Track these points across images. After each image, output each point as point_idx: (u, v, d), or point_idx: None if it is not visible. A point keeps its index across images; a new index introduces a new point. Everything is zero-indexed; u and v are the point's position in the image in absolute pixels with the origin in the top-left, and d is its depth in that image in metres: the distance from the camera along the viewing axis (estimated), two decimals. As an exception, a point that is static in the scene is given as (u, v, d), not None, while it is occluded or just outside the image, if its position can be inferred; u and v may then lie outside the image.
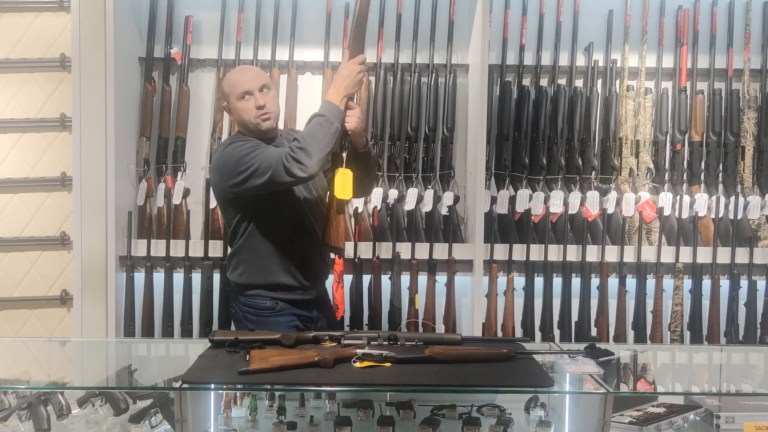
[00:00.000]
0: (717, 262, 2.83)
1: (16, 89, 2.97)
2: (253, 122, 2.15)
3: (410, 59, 2.93)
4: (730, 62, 2.92)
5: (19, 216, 2.99)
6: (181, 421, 1.67)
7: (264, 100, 2.13)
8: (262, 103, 2.12)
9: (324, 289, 2.41)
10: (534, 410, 2.00)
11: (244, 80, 2.15)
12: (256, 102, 2.12)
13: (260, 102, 2.12)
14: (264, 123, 2.14)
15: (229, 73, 2.30)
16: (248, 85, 2.13)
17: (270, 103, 2.15)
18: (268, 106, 2.14)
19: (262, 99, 2.12)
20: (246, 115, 2.15)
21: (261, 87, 2.14)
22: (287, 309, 2.22)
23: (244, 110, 2.14)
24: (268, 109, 2.14)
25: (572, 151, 2.89)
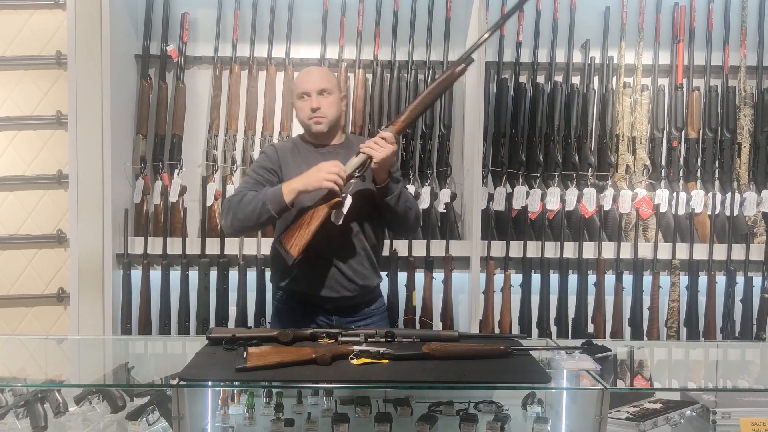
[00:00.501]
0: (713, 258, 2.84)
1: (11, 87, 2.97)
2: (306, 123, 2.19)
3: (407, 56, 2.93)
4: (726, 59, 2.93)
5: (15, 214, 2.99)
6: (178, 418, 1.66)
7: (319, 104, 2.15)
8: (316, 106, 2.14)
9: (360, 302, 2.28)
10: (531, 406, 2.00)
11: (305, 80, 2.18)
12: (311, 104, 2.15)
13: (314, 105, 2.14)
14: (315, 126, 2.17)
15: (299, 72, 2.32)
16: (307, 87, 2.16)
17: (326, 108, 2.16)
18: (323, 110, 2.15)
19: (317, 102, 2.14)
20: (301, 114, 2.20)
21: (320, 90, 2.15)
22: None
23: (300, 109, 2.19)
24: (321, 113, 2.15)
25: (569, 148, 2.89)
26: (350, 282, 2.18)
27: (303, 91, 2.16)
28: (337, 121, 2.22)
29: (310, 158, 2.17)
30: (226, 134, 2.93)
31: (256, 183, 2.15)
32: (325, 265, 2.16)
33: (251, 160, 2.91)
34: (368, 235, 2.20)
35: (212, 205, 2.88)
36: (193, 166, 2.98)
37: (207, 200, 2.87)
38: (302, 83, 2.18)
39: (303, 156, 2.21)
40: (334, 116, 2.18)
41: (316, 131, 2.18)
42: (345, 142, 2.27)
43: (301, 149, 2.24)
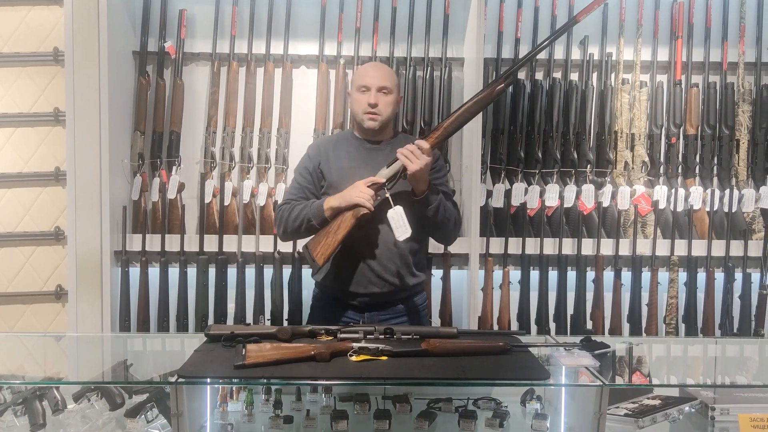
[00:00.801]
0: (712, 254, 2.84)
1: (9, 84, 2.96)
2: (360, 116, 2.20)
3: (405, 53, 2.92)
4: (724, 55, 2.93)
5: (12, 211, 2.98)
6: (177, 415, 1.66)
7: (377, 100, 2.17)
8: (374, 102, 2.16)
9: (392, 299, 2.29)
10: (530, 403, 2.00)
11: (367, 74, 2.20)
12: (369, 99, 2.16)
13: (372, 100, 2.16)
14: (368, 121, 2.18)
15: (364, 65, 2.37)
16: (369, 81, 2.17)
17: (383, 107, 2.18)
18: (380, 107, 2.18)
19: (375, 98, 2.16)
20: (357, 106, 2.21)
21: (380, 87, 2.17)
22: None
23: (357, 102, 2.20)
24: (378, 110, 2.17)
25: (567, 144, 2.89)
26: (379, 278, 2.18)
27: (364, 84, 2.17)
28: (390, 120, 2.25)
29: (353, 152, 2.21)
30: (224, 131, 2.93)
31: (300, 188, 2.25)
32: (355, 260, 2.18)
33: (249, 158, 2.91)
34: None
35: (210, 202, 2.88)
36: (191, 163, 2.97)
37: (205, 197, 2.86)
38: (364, 76, 2.19)
39: (346, 149, 2.23)
40: (388, 116, 2.21)
41: (368, 127, 2.19)
42: (393, 140, 2.28)
43: (346, 143, 2.26)
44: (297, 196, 2.23)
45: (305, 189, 2.24)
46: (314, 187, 2.24)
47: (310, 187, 2.24)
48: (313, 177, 2.24)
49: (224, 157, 2.92)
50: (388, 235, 2.16)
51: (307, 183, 2.25)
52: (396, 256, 2.20)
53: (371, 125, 2.19)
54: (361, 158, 2.21)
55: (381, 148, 2.24)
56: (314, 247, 2.13)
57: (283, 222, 2.20)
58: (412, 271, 2.25)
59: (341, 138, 2.31)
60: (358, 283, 2.19)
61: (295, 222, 2.16)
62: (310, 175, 2.25)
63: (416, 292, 2.32)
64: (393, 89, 2.21)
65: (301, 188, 2.25)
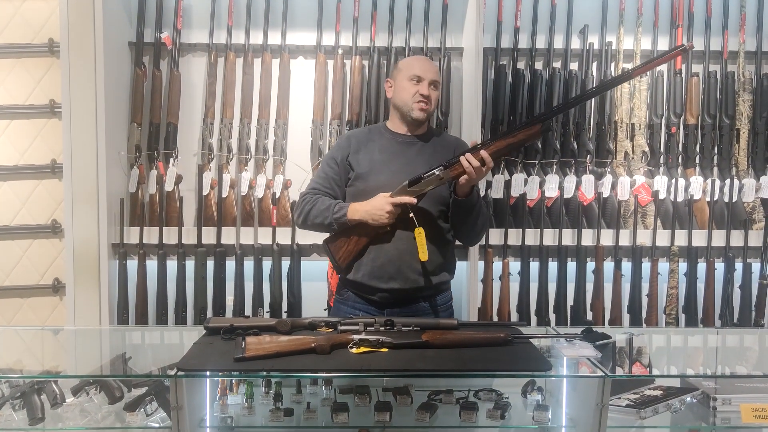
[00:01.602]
0: (712, 245, 2.83)
1: (4, 75, 2.93)
2: (410, 104, 2.17)
3: (404, 43, 2.90)
4: (725, 44, 2.91)
5: (9, 204, 2.96)
6: (176, 408, 1.65)
7: (429, 92, 2.16)
8: (427, 93, 2.15)
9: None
10: (531, 394, 1.99)
11: (421, 66, 2.18)
12: (423, 89, 2.15)
13: (425, 92, 2.15)
14: (418, 111, 2.17)
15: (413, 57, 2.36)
16: (424, 73, 2.16)
17: (433, 99, 2.19)
18: (432, 100, 2.19)
19: (427, 90, 2.16)
20: (407, 95, 2.18)
21: (432, 81, 2.17)
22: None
23: (406, 90, 2.17)
24: (430, 102, 2.18)
25: (567, 134, 2.88)
26: (400, 273, 2.15)
27: (417, 74, 2.16)
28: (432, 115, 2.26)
29: (386, 145, 2.20)
30: (221, 122, 2.91)
31: (327, 177, 2.22)
32: (377, 254, 2.15)
33: (247, 149, 2.89)
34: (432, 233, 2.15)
35: (208, 194, 2.86)
36: (189, 154, 2.96)
37: (203, 189, 2.85)
38: (418, 67, 2.18)
39: (378, 142, 2.22)
40: (432, 110, 2.22)
41: (416, 117, 2.18)
42: (425, 134, 2.26)
43: (378, 136, 2.24)
44: (322, 186, 2.21)
45: (331, 179, 2.22)
46: (340, 178, 2.22)
47: (336, 177, 2.22)
48: (340, 168, 2.22)
49: (222, 149, 2.90)
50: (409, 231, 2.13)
51: (333, 173, 2.22)
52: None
53: (421, 115, 2.17)
54: (393, 151, 2.19)
55: (413, 142, 2.22)
56: (336, 251, 2.16)
57: (304, 213, 2.19)
58: (435, 269, 2.21)
59: (374, 130, 2.29)
60: (379, 277, 2.16)
61: (316, 219, 2.16)
62: (338, 166, 2.22)
63: (440, 291, 2.27)
64: (439, 85, 2.23)
65: (327, 178, 2.22)
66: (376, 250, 2.15)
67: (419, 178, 2.04)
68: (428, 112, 2.18)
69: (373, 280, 2.16)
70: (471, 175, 2.00)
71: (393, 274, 2.15)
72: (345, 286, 2.25)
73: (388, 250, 2.14)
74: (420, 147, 2.20)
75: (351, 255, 2.15)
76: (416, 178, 2.04)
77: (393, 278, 2.15)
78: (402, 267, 2.14)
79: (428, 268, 2.17)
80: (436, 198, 2.14)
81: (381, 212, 2.06)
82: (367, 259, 2.15)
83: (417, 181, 2.04)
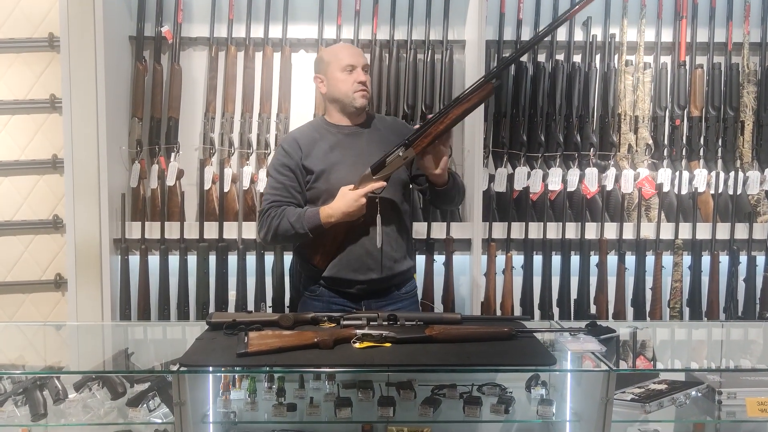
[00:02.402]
0: (716, 237, 2.82)
1: (3, 70, 2.92)
2: (350, 95, 2.16)
3: (406, 36, 2.88)
4: (729, 36, 2.89)
5: (10, 199, 2.95)
6: (179, 404, 1.65)
7: (365, 78, 2.15)
8: (364, 80, 2.15)
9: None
10: (535, 389, 1.98)
11: (350, 54, 2.17)
12: (358, 77, 2.14)
13: (362, 78, 2.14)
14: (360, 99, 2.16)
15: (330, 46, 2.34)
16: (354, 60, 2.15)
17: (368, 85, 2.19)
18: (367, 85, 2.17)
19: (363, 76, 2.15)
20: (343, 86, 2.16)
21: (364, 65, 2.17)
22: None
23: (344, 82, 2.16)
24: (367, 88, 2.17)
25: (570, 127, 2.86)
26: (377, 263, 2.16)
27: (350, 63, 2.14)
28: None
29: (333, 140, 2.18)
30: (222, 117, 2.90)
31: (284, 187, 2.16)
32: (352, 248, 2.14)
33: (248, 143, 2.88)
34: (398, 218, 2.18)
35: (210, 189, 2.85)
36: (190, 149, 2.94)
37: (204, 184, 2.83)
38: (347, 56, 2.16)
39: (326, 140, 2.20)
40: (370, 94, 2.22)
41: (359, 105, 2.17)
42: (366, 121, 2.25)
43: (323, 131, 2.22)
44: (282, 196, 2.15)
45: (290, 188, 2.16)
46: (298, 184, 2.17)
47: (294, 185, 2.16)
48: (296, 174, 2.17)
49: (223, 143, 2.89)
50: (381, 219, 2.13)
51: (289, 181, 2.16)
52: (392, 239, 2.18)
53: (362, 102, 2.16)
54: (344, 145, 2.17)
55: (360, 132, 2.21)
56: (313, 256, 2.16)
57: (272, 228, 2.13)
58: (404, 254, 2.24)
59: (315, 127, 2.25)
60: (357, 270, 2.16)
61: (288, 232, 2.11)
62: (292, 172, 2.16)
63: (408, 278, 2.30)
64: (368, 69, 2.22)
65: (285, 187, 2.16)
66: (350, 243, 2.14)
67: (383, 162, 2.03)
68: (367, 98, 2.18)
69: (351, 273, 2.16)
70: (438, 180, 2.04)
71: (371, 264, 2.15)
72: (316, 283, 2.22)
73: (363, 241, 2.14)
74: (368, 135, 2.19)
75: (329, 255, 2.14)
76: (379, 162, 2.03)
77: (371, 269, 2.16)
78: (378, 256, 2.15)
79: (398, 254, 2.19)
80: (396, 182, 2.14)
81: (356, 206, 2.04)
82: (342, 253, 2.14)
83: (381, 166, 2.03)
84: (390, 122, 2.33)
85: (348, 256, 2.14)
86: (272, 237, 2.15)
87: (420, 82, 2.87)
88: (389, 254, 2.17)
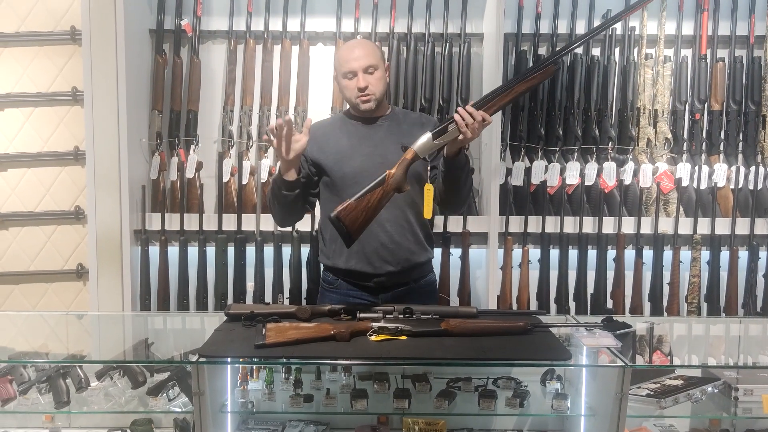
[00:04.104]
0: (735, 233, 2.79)
1: (27, 63, 2.96)
2: (353, 101, 2.16)
3: (424, 29, 2.88)
4: (752, 29, 2.85)
5: (33, 190, 3.00)
6: (198, 394, 1.68)
7: (366, 82, 2.11)
8: (363, 85, 2.11)
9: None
10: (550, 383, 1.99)
11: (349, 59, 2.13)
12: (358, 83, 2.11)
13: (362, 84, 2.11)
14: (363, 105, 2.14)
15: (342, 46, 2.27)
16: (353, 65, 2.11)
17: (374, 86, 2.13)
18: (371, 88, 2.13)
19: (364, 81, 2.11)
20: (347, 93, 2.16)
21: (366, 68, 2.11)
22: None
23: (346, 88, 2.16)
24: (369, 91, 2.13)
25: (589, 121, 2.84)
26: (393, 257, 2.16)
27: (348, 70, 2.12)
28: (384, 95, 2.19)
29: (352, 131, 2.18)
30: (241, 109, 2.92)
31: None
32: (368, 239, 2.11)
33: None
34: (416, 210, 2.16)
35: (228, 181, 2.88)
36: (209, 141, 2.97)
37: (223, 176, 2.86)
38: (346, 62, 2.12)
39: (345, 131, 2.20)
40: (381, 92, 2.15)
41: (365, 109, 2.15)
42: (390, 114, 2.24)
43: (342, 124, 2.23)
44: None
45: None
46: (307, 172, 2.18)
47: (303, 172, 2.17)
48: (306, 163, 2.19)
49: (242, 136, 2.91)
50: (399, 212, 2.14)
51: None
52: (408, 232, 2.18)
53: (368, 107, 2.14)
54: (360, 136, 2.17)
55: (379, 124, 2.20)
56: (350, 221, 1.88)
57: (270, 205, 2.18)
58: (424, 247, 2.24)
59: (335, 121, 2.27)
60: (374, 263, 2.16)
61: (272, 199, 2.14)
62: (304, 161, 2.18)
63: (427, 271, 2.30)
64: (379, 64, 2.14)
65: None
66: (368, 237, 2.09)
67: (445, 128, 1.92)
68: (373, 100, 2.14)
69: (368, 267, 2.16)
70: (466, 134, 1.90)
71: (388, 258, 2.16)
72: (335, 275, 2.24)
73: (379, 235, 2.13)
74: (387, 128, 2.18)
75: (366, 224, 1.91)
76: (442, 127, 1.92)
77: (388, 262, 2.16)
78: (396, 249, 2.16)
79: (415, 247, 2.19)
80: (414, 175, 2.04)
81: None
82: (359, 245, 2.09)
83: (443, 131, 1.92)
84: (415, 117, 2.29)
85: (365, 249, 2.14)
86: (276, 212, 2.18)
87: (437, 76, 2.87)
88: (406, 247, 2.17)
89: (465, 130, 1.89)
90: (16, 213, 3.00)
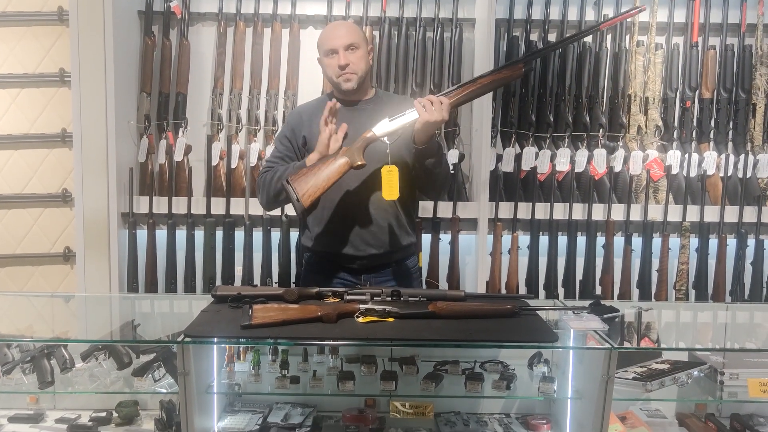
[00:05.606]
0: (724, 220, 2.80)
1: (13, 43, 2.92)
2: (335, 80, 2.15)
3: (415, 13, 2.86)
4: (743, 17, 2.85)
5: (20, 172, 2.97)
6: (183, 374, 1.67)
7: (347, 60, 2.11)
8: (344, 63, 2.11)
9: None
10: (537, 366, 1.99)
11: (331, 37, 2.13)
12: (339, 60, 2.11)
13: (342, 61, 2.10)
14: (345, 83, 2.13)
15: (324, 29, 2.26)
16: (335, 43, 2.11)
17: (355, 64, 2.12)
18: (353, 66, 2.12)
19: (345, 58, 2.10)
20: (329, 71, 2.16)
21: (348, 46, 2.11)
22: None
23: (328, 67, 2.15)
24: (351, 69, 2.12)
25: (580, 108, 2.84)
26: (376, 239, 2.17)
27: (330, 48, 2.12)
28: (366, 75, 2.18)
29: (338, 116, 2.15)
30: (231, 93, 2.89)
31: (281, 156, 2.20)
32: (350, 222, 2.15)
33: (256, 120, 2.88)
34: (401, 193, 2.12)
35: (217, 165, 2.86)
36: (198, 125, 2.95)
37: (212, 160, 2.84)
38: (329, 40, 2.13)
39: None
40: (363, 71, 2.15)
41: (346, 89, 2.15)
42: (374, 97, 2.24)
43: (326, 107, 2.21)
44: (278, 164, 2.18)
45: (285, 156, 2.19)
46: (295, 155, 2.19)
47: (291, 155, 2.19)
48: (293, 145, 2.20)
49: (231, 120, 2.89)
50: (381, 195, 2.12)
51: (287, 151, 2.20)
52: (390, 215, 2.19)
53: (349, 86, 2.14)
54: (345, 118, 2.15)
55: (362, 107, 2.20)
56: (299, 186, 1.95)
57: (265, 188, 2.15)
58: (406, 230, 2.24)
59: (321, 102, 2.24)
60: (356, 246, 2.17)
61: (278, 184, 2.08)
62: (290, 143, 2.20)
63: (410, 254, 2.31)
64: (360, 43, 2.14)
65: (282, 156, 2.20)
66: (351, 219, 2.15)
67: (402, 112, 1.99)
68: (354, 79, 2.13)
69: (350, 249, 2.17)
70: (421, 113, 1.94)
71: (370, 240, 2.16)
72: (317, 257, 2.25)
73: (361, 217, 2.15)
74: (370, 111, 2.16)
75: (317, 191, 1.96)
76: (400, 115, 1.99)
77: (370, 245, 2.17)
78: (377, 232, 2.16)
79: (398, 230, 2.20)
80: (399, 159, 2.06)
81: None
82: (342, 228, 2.15)
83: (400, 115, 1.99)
84: (398, 101, 2.30)
85: (348, 232, 2.15)
86: (266, 198, 2.17)
87: (429, 61, 2.86)
88: (389, 230, 2.18)
89: (421, 109, 1.95)
90: (2, 195, 2.97)
